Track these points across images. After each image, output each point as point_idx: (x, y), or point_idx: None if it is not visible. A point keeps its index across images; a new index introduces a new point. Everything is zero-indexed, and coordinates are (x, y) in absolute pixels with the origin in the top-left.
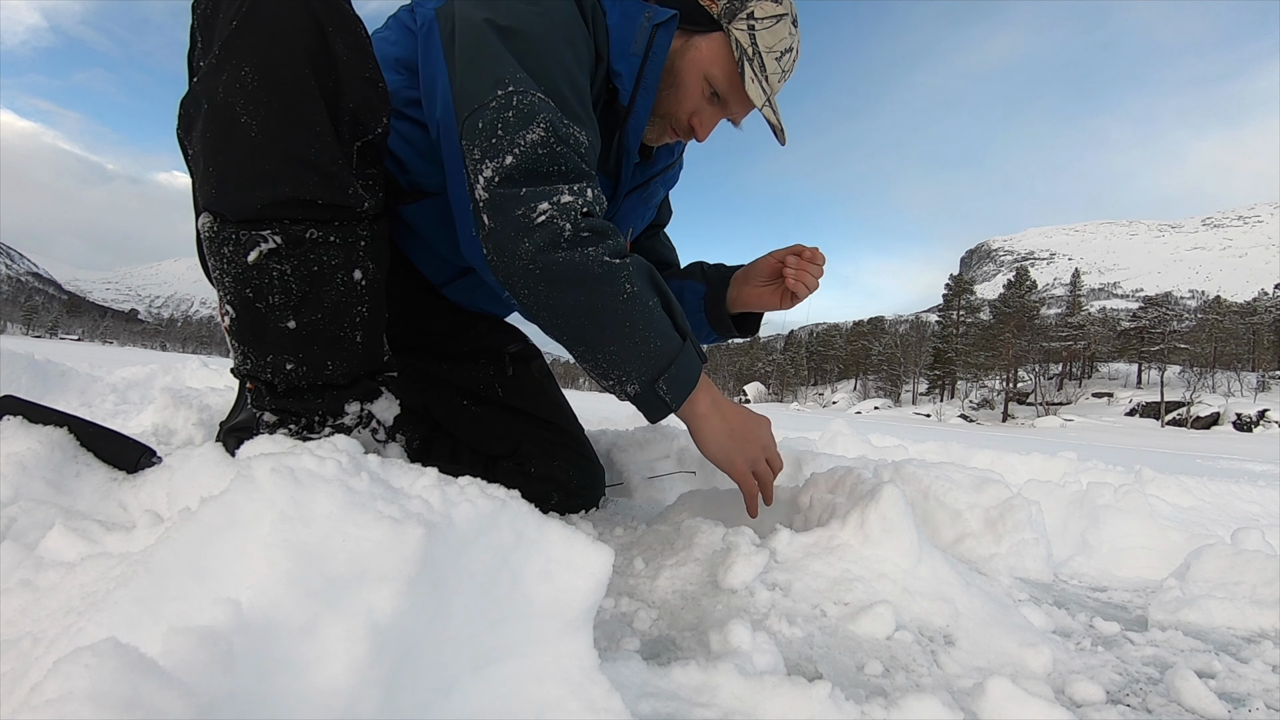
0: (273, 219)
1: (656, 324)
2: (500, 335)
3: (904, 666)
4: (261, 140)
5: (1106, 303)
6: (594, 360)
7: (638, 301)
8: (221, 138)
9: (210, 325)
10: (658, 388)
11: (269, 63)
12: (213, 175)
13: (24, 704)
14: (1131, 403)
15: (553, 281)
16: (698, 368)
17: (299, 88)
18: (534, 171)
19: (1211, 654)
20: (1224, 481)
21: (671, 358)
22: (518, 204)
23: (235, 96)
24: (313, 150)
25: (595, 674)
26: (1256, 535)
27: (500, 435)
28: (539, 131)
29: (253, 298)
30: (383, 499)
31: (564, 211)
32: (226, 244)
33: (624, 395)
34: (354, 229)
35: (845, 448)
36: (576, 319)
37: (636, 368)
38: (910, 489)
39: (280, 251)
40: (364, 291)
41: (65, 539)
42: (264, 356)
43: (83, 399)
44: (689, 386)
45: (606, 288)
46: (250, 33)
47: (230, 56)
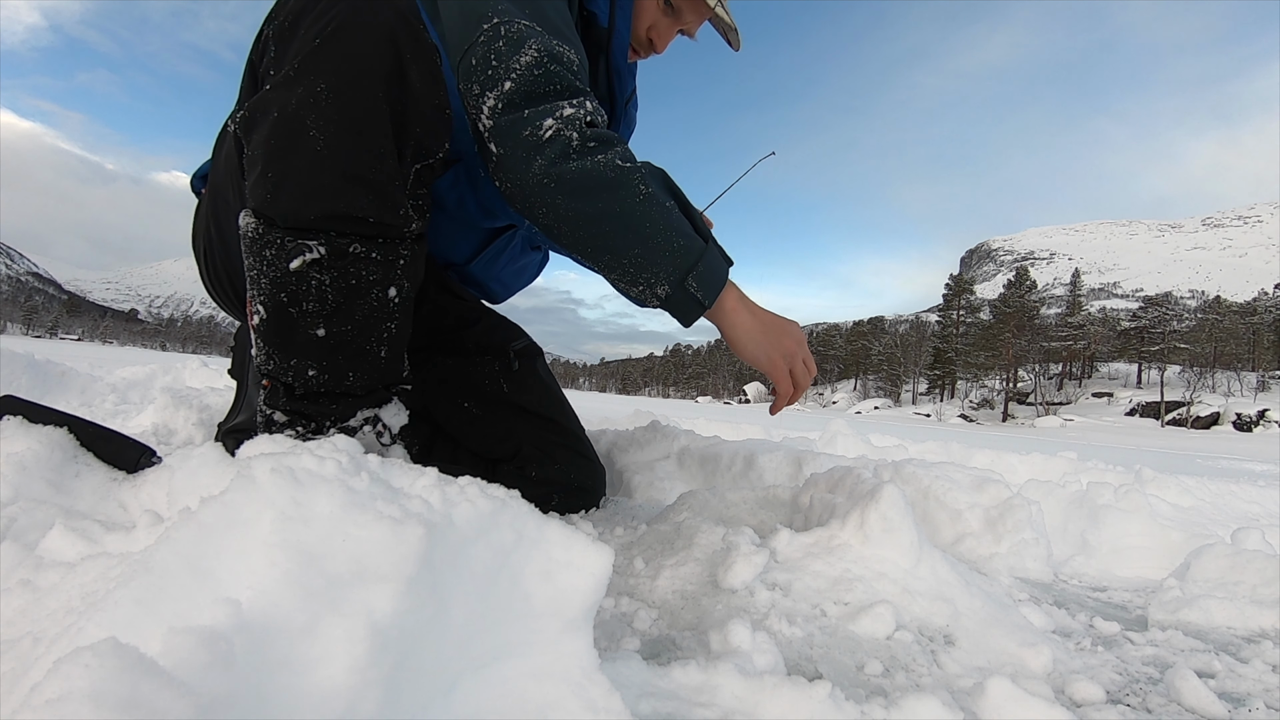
0: (320, 230)
1: (676, 224)
2: (504, 332)
3: (904, 666)
4: (325, 155)
5: (1106, 303)
6: (620, 268)
7: (655, 202)
8: (287, 146)
9: (210, 325)
10: (688, 285)
11: (345, 82)
12: (270, 180)
13: (24, 704)
14: (1131, 403)
15: (569, 192)
16: (725, 267)
17: (370, 109)
18: (533, 93)
19: (1211, 654)
20: (1224, 481)
21: (698, 255)
22: (523, 125)
23: (307, 110)
24: (373, 170)
25: (595, 674)
26: (1256, 535)
27: (502, 437)
28: (532, 54)
29: (286, 302)
30: (383, 499)
31: (569, 123)
32: (269, 247)
33: (655, 300)
34: (396, 248)
35: (845, 448)
36: (597, 227)
37: (664, 267)
38: (910, 489)
39: (322, 262)
40: (395, 309)
41: (65, 539)
42: (288, 360)
43: (83, 399)
44: (719, 283)
45: (622, 191)
46: (331, 52)
47: (308, 71)
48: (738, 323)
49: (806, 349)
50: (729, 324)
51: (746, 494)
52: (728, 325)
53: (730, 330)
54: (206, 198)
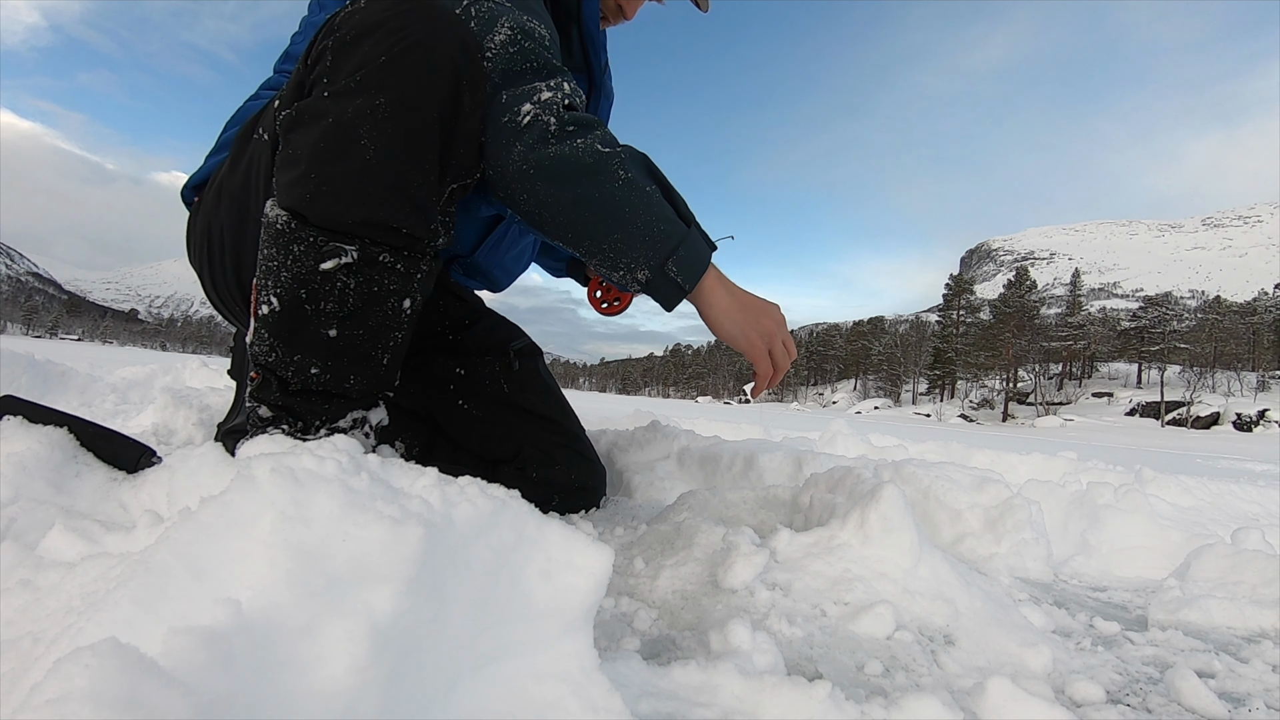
0: (356, 235)
1: (657, 209)
2: (504, 332)
3: (904, 666)
4: (374, 165)
5: (1106, 303)
6: (601, 253)
7: (634, 187)
8: (338, 152)
9: (210, 325)
10: (668, 270)
11: (405, 100)
12: (312, 180)
13: (24, 704)
14: (1131, 403)
15: (547, 178)
16: (707, 251)
17: (423, 129)
18: (509, 72)
19: (1211, 654)
20: (1224, 481)
21: (679, 240)
22: (502, 111)
23: (363, 121)
24: (416, 186)
25: (595, 674)
26: (1256, 535)
27: (502, 437)
28: (505, 31)
29: (305, 299)
30: (383, 499)
31: (546, 108)
32: (299, 243)
33: (636, 284)
34: (418, 261)
35: (845, 448)
36: (576, 212)
37: (644, 252)
38: (910, 489)
39: (353, 266)
40: (405, 320)
41: (65, 539)
42: (292, 355)
43: (83, 399)
44: (700, 268)
45: (601, 176)
46: (395, 70)
47: (371, 85)
48: (715, 302)
49: (786, 331)
50: (706, 303)
51: (746, 494)
52: (705, 305)
53: (707, 310)
54: (210, 203)
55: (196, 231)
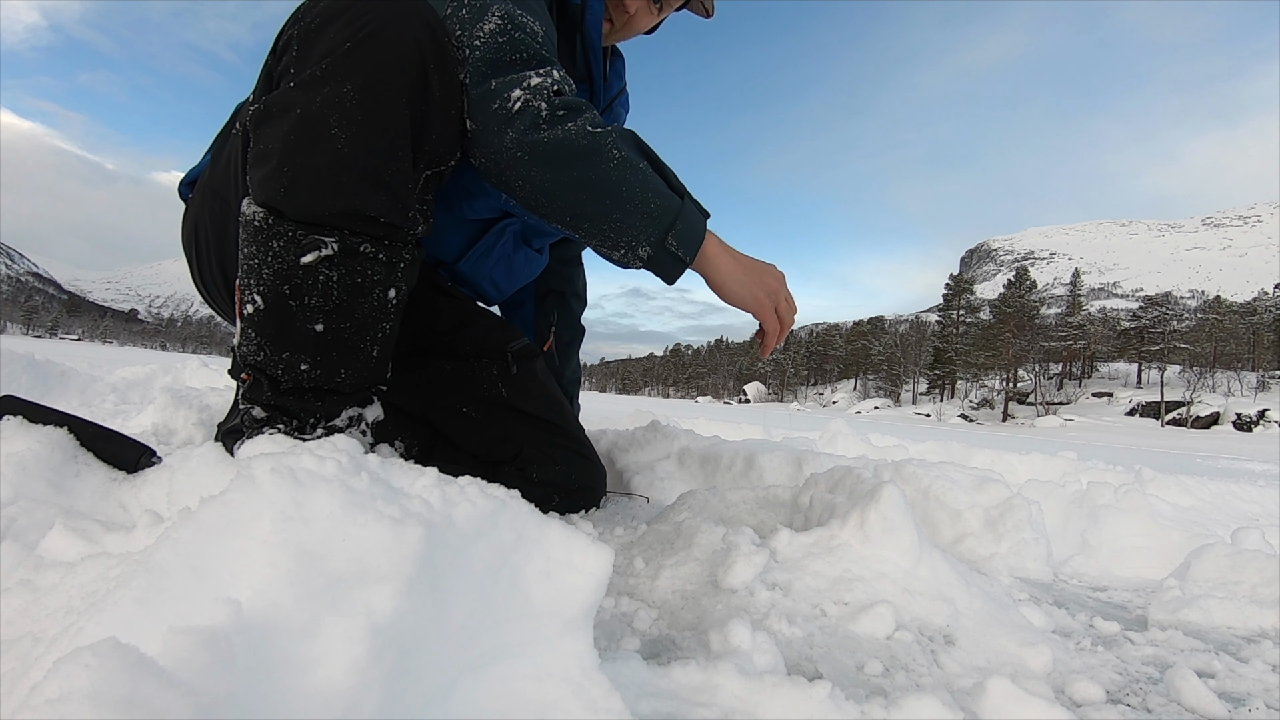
0: (334, 227)
1: (652, 185)
2: (503, 333)
3: (904, 666)
4: (346, 154)
5: (1106, 302)
6: (601, 234)
7: (629, 165)
8: (307, 144)
9: (210, 325)
10: (668, 244)
11: (372, 87)
12: (285, 175)
13: (24, 704)
14: (1131, 402)
15: (542, 162)
16: (702, 221)
17: (393, 114)
18: (498, 61)
19: (1211, 654)
20: (1224, 481)
21: (675, 214)
22: (492, 99)
23: (331, 110)
24: (389, 173)
25: (595, 674)
26: (1256, 535)
27: (502, 439)
28: (495, 20)
29: (289, 295)
30: (383, 499)
31: (536, 93)
32: (278, 239)
33: (638, 261)
34: (400, 251)
35: (845, 448)
36: (573, 195)
37: (644, 229)
38: (910, 489)
39: (334, 259)
40: (392, 310)
41: (65, 539)
42: (280, 353)
43: (83, 399)
44: (698, 238)
45: (595, 157)
46: (361, 56)
47: (336, 73)
48: (720, 267)
49: (787, 289)
50: (712, 269)
51: (746, 494)
52: (711, 270)
53: (714, 275)
54: (197, 200)
55: (186, 228)
